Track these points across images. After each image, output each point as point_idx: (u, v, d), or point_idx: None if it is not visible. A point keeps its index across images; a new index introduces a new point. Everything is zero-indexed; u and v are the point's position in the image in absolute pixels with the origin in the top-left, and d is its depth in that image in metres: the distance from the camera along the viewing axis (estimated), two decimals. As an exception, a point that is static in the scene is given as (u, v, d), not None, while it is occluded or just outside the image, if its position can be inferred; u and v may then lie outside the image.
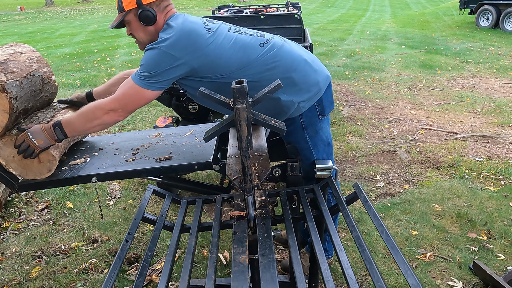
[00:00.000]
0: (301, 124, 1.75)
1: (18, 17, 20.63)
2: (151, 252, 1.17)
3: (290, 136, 1.80)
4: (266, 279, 0.89)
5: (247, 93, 1.06)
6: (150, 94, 1.57)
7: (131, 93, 1.56)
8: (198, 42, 1.56)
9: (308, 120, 1.75)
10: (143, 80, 1.54)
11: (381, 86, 6.08)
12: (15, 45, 1.76)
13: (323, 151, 1.85)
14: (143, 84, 1.55)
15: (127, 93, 1.56)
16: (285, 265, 2.22)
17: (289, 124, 1.72)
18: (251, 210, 1.25)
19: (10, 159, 1.54)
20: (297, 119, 1.74)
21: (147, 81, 1.54)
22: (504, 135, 4.08)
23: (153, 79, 1.54)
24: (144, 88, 1.55)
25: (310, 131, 1.78)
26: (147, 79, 1.54)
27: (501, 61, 7.55)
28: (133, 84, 1.56)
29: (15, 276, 2.26)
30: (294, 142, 1.83)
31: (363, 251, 1.00)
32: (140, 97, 1.57)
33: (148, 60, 1.54)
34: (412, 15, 15.89)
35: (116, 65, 8.22)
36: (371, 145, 3.93)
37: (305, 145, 1.80)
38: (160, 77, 1.54)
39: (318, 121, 1.78)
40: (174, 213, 2.75)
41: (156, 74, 1.53)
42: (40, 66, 1.72)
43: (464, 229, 2.57)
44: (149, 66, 1.53)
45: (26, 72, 1.59)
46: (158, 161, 1.60)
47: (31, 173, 1.57)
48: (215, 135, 1.16)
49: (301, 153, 1.83)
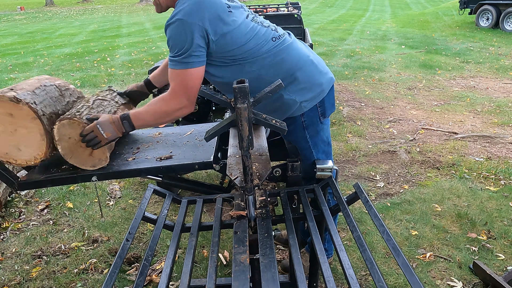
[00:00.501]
0: (302, 124, 1.75)
1: (18, 17, 20.62)
2: (152, 251, 1.17)
3: (291, 135, 1.80)
4: (267, 279, 0.89)
5: (248, 93, 1.06)
6: (196, 71, 1.50)
7: (181, 80, 1.51)
8: (217, 13, 1.51)
9: (309, 120, 1.75)
10: (180, 61, 1.48)
11: (381, 86, 6.08)
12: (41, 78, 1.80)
13: (322, 151, 1.85)
14: (183, 65, 1.48)
15: (179, 84, 1.51)
16: (285, 265, 2.22)
17: (290, 123, 1.72)
18: (252, 209, 1.25)
19: (64, 139, 1.53)
20: (298, 118, 1.74)
21: (184, 60, 1.48)
22: (504, 135, 4.08)
23: (187, 54, 1.47)
24: (187, 68, 1.48)
25: (310, 131, 1.78)
26: (183, 59, 1.48)
27: (501, 61, 7.55)
28: (176, 73, 1.50)
29: (15, 276, 2.26)
30: (295, 141, 1.83)
31: (364, 251, 0.99)
32: (191, 79, 1.50)
33: (172, 36, 1.48)
34: (412, 15, 15.90)
35: (116, 65, 8.22)
36: (371, 145, 3.93)
37: (305, 144, 1.81)
38: (192, 50, 1.47)
39: (319, 122, 1.78)
40: (173, 213, 2.75)
41: (187, 49, 1.46)
42: (51, 80, 1.74)
43: (464, 229, 2.57)
44: (176, 42, 1.47)
45: (35, 86, 1.61)
46: (159, 160, 1.60)
47: (75, 159, 1.56)
48: (216, 135, 1.16)
49: (301, 152, 1.83)
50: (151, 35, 12.58)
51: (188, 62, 1.48)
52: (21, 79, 7.13)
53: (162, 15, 19.29)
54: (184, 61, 1.48)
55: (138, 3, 26.72)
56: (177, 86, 1.52)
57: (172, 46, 1.49)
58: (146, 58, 8.73)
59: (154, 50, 9.79)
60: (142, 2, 26.78)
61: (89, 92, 6.05)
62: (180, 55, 1.48)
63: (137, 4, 26.61)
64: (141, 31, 13.86)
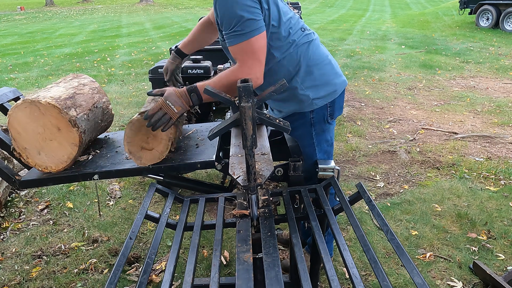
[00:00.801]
0: (310, 120, 1.77)
1: (18, 17, 20.61)
2: (155, 250, 1.17)
3: (297, 130, 1.81)
4: (271, 278, 0.89)
5: (252, 92, 1.06)
6: (260, 38, 1.44)
7: (246, 52, 1.44)
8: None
9: (317, 118, 1.77)
10: (241, 33, 1.43)
11: (381, 86, 6.09)
12: (76, 76, 1.83)
13: (324, 151, 1.86)
14: (244, 37, 1.42)
15: (245, 55, 1.45)
16: (285, 265, 2.22)
17: (298, 118, 1.75)
18: (255, 209, 1.25)
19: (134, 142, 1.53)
20: (307, 114, 1.75)
21: (244, 31, 1.42)
22: (504, 135, 4.09)
23: (245, 24, 1.41)
24: (249, 38, 1.42)
25: (317, 128, 1.79)
26: (242, 30, 1.42)
27: (501, 61, 7.56)
28: (239, 46, 1.44)
29: (15, 276, 2.26)
30: (300, 137, 1.83)
31: (367, 251, 0.99)
32: (256, 48, 1.45)
33: (225, 10, 1.41)
34: (412, 15, 15.91)
35: (116, 65, 8.22)
36: (371, 145, 3.93)
37: (309, 141, 1.81)
38: (249, 19, 1.41)
39: (326, 121, 1.80)
40: (174, 213, 2.74)
41: (243, 19, 1.41)
42: (100, 97, 1.78)
43: (464, 229, 2.57)
44: (231, 15, 1.41)
45: (90, 104, 1.66)
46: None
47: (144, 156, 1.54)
48: (220, 133, 1.16)
49: (303, 150, 1.83)
50: (151, 35, 12.58)
51: (248, 32, 1.42)
52: (21, 79, 7.13)
53: (162, 15, 19.31)
54: (244, 32, 1.42)
55: (138, 3, 26.72)
56: (243, 58, 1.47)
57: (229, 20, 1.42)
58: (146, 58, 8.73)
59: (154, 50, 9.79)
60: (142, 2, 26.78)
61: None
62: (239, 26, 1.41)
63: (137, 4, 26.61)
64: (141, 31, 13.86)
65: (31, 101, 1.46)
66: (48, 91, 1.58)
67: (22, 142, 1.53)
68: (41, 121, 1.50)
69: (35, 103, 1.46)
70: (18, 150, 1.54)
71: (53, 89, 1.61)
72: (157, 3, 26.38)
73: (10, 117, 1.50)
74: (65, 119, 1.49)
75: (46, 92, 1.56)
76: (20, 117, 1.49)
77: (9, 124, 1.51)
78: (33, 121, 1.50)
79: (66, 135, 1.52)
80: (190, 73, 3.15)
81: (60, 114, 1.48)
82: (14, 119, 1.50)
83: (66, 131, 1.51)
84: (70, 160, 1.55)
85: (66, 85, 1.70)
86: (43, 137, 1.52)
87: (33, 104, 1.47)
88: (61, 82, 1.76)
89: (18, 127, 1.51)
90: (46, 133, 1.51)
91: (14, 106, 1.49)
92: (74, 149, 1.53)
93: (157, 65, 3.18)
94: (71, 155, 1.54)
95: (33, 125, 1.50)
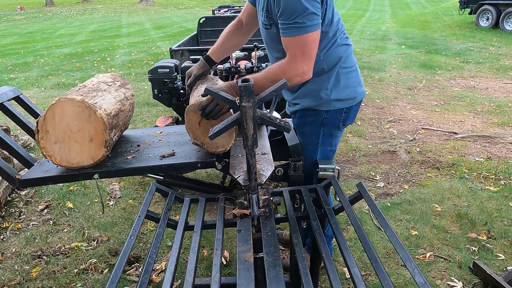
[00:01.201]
0: (322, 120, 1.77)
1: (18, 17, 20.61)
2: (156, 249, 1.17)
3: (306, 126, 1.81)
4: (272, 277, 0.89)
5: (253, 92, 1.06)
6: (314, 35, 1.47)
7: (300, 46, 1.47)
8: None
9: (330, 120, 1.77)
10: (298, 26, 1.44)
11: (381, 86, 6.09)
12: (123, 84, 1.85)
13: (325, 154, 1.86)
14: (300, 30, 1.44)
15: (298, 49, 1.48)
16: (285, 264, 2.22)
17: (312, 115, 1.76)
18: (255, 208, 1.25)
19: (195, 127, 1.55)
20: (322, 113, 1.76)
21: (302, 25, 1.44)
22: (504, 135, 4.09)
23: (304, 18, 1.43)
24: (305, 33, 1.45)
25: (326, 130, 1.80)
26: (300, 24, 1.43)
27: (501, 61, 7.56)
28: (293, 39, 1.47)
29: (15, 276, 2.26)
30: (306, 134, 1.83)
31: (368, 250, 0.99)
32: (309, 43, 1.48)
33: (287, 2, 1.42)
34: (412, 15, 15.91)
35: (116, 65, 8.22)
36: (371, 145, 3.93)
37: (315, 140, 1.82)
38: (308, 13, 1.43)
39: (337, 126, 1.81)
40: (174, 213, 2.74)
41: (303, 13, 1.42)
42: (131, 114, 1.82)
43: (464, 229, 2.57)
44: (292, 7, 1.42)
45: (124, 125, 1.69)
46: (161, 158, 1.60)
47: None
48: (221, 133, 1.16)
49: (306, 147, 1.84)
50: (151, 35, 12.58)
51: (309, 26, 1.45)
52: (21, 79, 7.13)
53: (162, 15, 19.30)
54: (302, 26, 1.44)
55: (138, 3, 26.71)
56: (295, 52, 1.49)
57: (292, 10, 1.43)
58: (146, 58, 8.73)
59: (154, 50, 9.79)
60: (142, 2, 26.77)
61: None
62: (301, 18, 1.43)
63: (137, 4, 26.60)
64: (141, 31, 13.86)
65: (88, 105, 1.45)
66: (103, 98, 1.57)
67: (49, 126, 1.48)
68: (82, 124, 1.47)
69: (90, 109, 1.45)
70: (40, 128, 1.49)
71: (107, 98, 1.60)
72: (157, 3, 26.38)
73: (58, 102, 1.45)
74: (103, 137, 1.49)
75: (101, 100, 1.55)
76: (67, 109, 1.45)
77: (52, 106, 1.45)
78: (75, 120, 1.47)
79: (92, 148, 1.50)
80: None
81: (103, 131, 1.48)
82: (61, 106, 1.45)
83: (95, 145, 1.50)
84: (78, 166, 1.54)
85: (116, 95, 1.69)
86: (71, 136, 1.49)
87: (88, 108, 1.45)
88: (112, 86, 1.74)
89: (58, 113, 1.46)
90: (76, 135, 1.49)
91: (69, 98, 1.45)
92: (89, 161, 1.52)
93: (157, 65, 3.18)
94: (82, 163, 1.53)
95: (73, 122, 1.47)
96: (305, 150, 1.84)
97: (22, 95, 1.99)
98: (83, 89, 1.59)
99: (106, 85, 1.73)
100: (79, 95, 1.48)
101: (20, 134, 4.04)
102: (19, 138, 3.88)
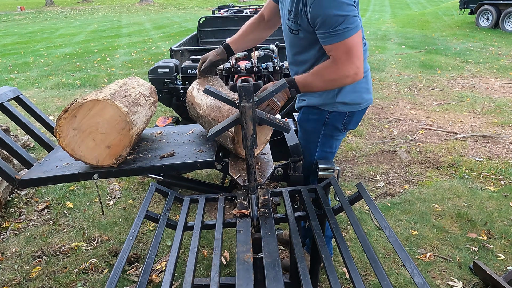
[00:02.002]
0: (325, 119, 1.78)
1: (18, 17, 20.62)
2: (155, 249, 1.17)
3: (309, 123, 1.82)
4: (271, 278, 0.89)
5: (253, 92, 1.06)
6: (358, 36, 1.50)
7: (346, 51, 1.49)
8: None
9: (332, 121, 1.78)
10: (341, 32, 1.45)
11: (381, 86, 6.09)
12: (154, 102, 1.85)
13: (324, 155, 1.87)
14: (344, 35, 1.46)
15: (344, 54, 1.49)
16: (285, 264, 2.22)
17: (315, 113, 1.77)
18: (255, 208, 1.25)
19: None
20: (325, 113, 1.77)
21: (345, 30, 1.45)
22: (504, 135, 4.09)
23: (347, 22, 1.44)
24: (349, 37, 1.46)
25: (327, 130, 1.80)
26: (344, 29, 1.45)
27: (501, 61, 7.56)
28: (338, 45, 1.48)
29: (15, 276, 2.26)
30: (308, 131, 1.84)
31: (367, 250, 0.99)
32: (355, 46, 1.50)
33: (328, 10, 1.43)
34: (412, 15, 15.91)
35: (116, 65, 8.22)
36: (371, 145, 3.93)
37: (315, 138, 1.83)
38: (350, 17, 1.45)
39: (338, 129, 1.81)
40: (173, 213, 2.74)
41: (346, 18, 1.44)
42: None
43: (464, 229, 2.57)
44: (335, 15, 1.43)
45: (137, 140, 1.69)
46: (161, 158, 1.60)
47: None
48: (221, 133, 1.16)
49: (307, 145, 1.85)
50: (151, 35, 12.58)
51: (349, 31, 1.46)
52: (21, 79, 7.13)
53: (162, 15, 19.30)
54: (345, 31, 1.46)
55: (138, 3, 26.71)
56: (341, 55, 1.50)
57: (329, 22, 1.45)
58: (146, 58, 8.73)
59: (154, 50, 9.79)
60: (142, 2, 26.77)
61: (89, 91, 6.04)
62: (342, 25, 1.45)
63: (137, 4, 26.60)
64: (141, 31, 13.86)
65: (129, 120, 1.45)
66: (139, 116, 1.57)
67: (80, 113, 1.44)
68: (111, 131, 1.47)
69: (128, 124, 1.45)
70: (70, 109, 1.45)
71: (142, 115, 1.60)
72: (157, 3, 26.38)
73: (103, 101, 1.42)
74: (120, 151, 1.50)
75: (138, 117, 1.55)
76: (107, 112, 1.44)
77: (95, 101, 1.42)
78: (108, 124, 1.46)
79: (103, 153, 1.50)
80: (190, 73, 3.15)
81: (125, 147, 1.49)
82: (103, 106, 1.43)
83: (108, 153, 1.50)
84: (79, 159, 1.52)
85: (147, 114, 1.69)
86: (93, 132, 1.47)
87: (126, 123, 1.45)
88: (147, 102, 1.73)
89: (96, 109, 1.43)
90: (99, 135, 1.47)
91: (116, 105, 1.43)
92: (92, 161, 1.52)
93: (157, 65, 3.18)
94: (84, 159, 1.51)
95: (104, 124, 1.46)
96: (305, 148, 1.85)
97: (22, 95, 1.99)
98: (128, 98, 1.56)
99: (144, 99, 1.72)
100: (125, 106, 1.47)
101: (20, 134, 4.04)
102: (19, 138, 3.88)
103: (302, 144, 1.84)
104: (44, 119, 2.01)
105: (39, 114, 2.01)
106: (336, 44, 1.49)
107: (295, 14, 1.57)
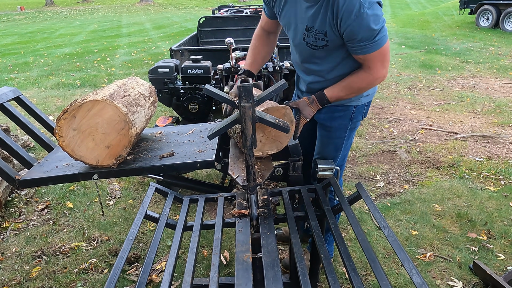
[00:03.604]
0: (351, 114, 1.84)
1: (18, 17, 20.62)
2: (155, 249, 1.17)
3: (335, 121, 1.86)
4: (270, 278, 0.89)
5: (252, 92, 1.06)
6: (388, 43, 1.58)
7: (380, 59, 1.58)
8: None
9: (357, 114, 1.85)
10: (377, 42, 1.52)
11: (381, 86, 6.08)
12: (154, 101, 1.86)
13: (345, 154, 1.96)
14: (379, 45, 1.53)
15: (378, 62, 1.58)
16: (286, 263, 2.22)
17: (341, 110, 1.83)
18: (254, 208, 1.25)
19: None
20: (351, 108, 1.83)
21: (380, 39, 1.52)
22: (504, 135, 4.09)
23: (382, 32, 1.51)
24: (383, 46, 1.55)
25: (352, 124, 1.88)
26: (379, 38, 1.52)
27: (501, 61, 7.56)
28: (373, 54, 1.55)
29: (15, 276, 2.26)
30: (335, 128, 1.88)
31: (367, 250, 0.99)
32: (387, 52, 1.59)
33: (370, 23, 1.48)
34: (412, 15, 15.90)
35: (116, 65, 8.22)
36: (371, 145, 3.93)
37: (342, 134, 1.89)
38: (384, 27, 1.53)
39: (359, 119, 1.90)
40: (173, 213, 2.74)
41: (381, 28, 1.51)
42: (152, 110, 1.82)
43: (464, 229, 2.57)
44: (375, 27, 1.49)
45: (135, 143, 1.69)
46: (160, 158, 1.60)
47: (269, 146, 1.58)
48: (220, 133, 1.16)
49: (333, 141, 1.90)
50: (151, 35, 12.58)
51: (383, 39, 1.53)
52: (21, 79, 7.13)
53: (162, 15, 19.30)
54: (380, 40, 1.53)
55: (138, 3, 26.71)
56: (376, 63, 1.59)
57: (367, 36, 1.50)
58: (146, 58, 8.73)
59: (154, 50, 9.79)
60: (142, 2, 26.77)
61: (88, 91, 6.04)
62: (378, 36, 1.51)
63: (137, 4, 26.60)
64: (141, 31, 13.86)
65: (128, 121, 1.45)
66: (138, 116, 1.57)
67: (80, 114, 1.44)
68: (110, 131, 1.47)
69: (127, 124, 1.46)
70: (70, 110, 1.45)
71: (141, 115, 1.61)
72: (157, 3, 26.38)
73: (103, 102, 1.42)
74: (120, 151, 1.50)
75: (137, 117, 1.55)
76: (106, 112, 1.44)
77: (94, 101, 1.42)
78: (107, 124, 1.45)
79: (103, 154, 1.50)
80: (190, 73, 3.15)
81: (124, 147, 1.49)
82: (102, 106, 1.43)
83: (108, 153, 1.50)
84: (79, 159, 1.52)
85: (146, 114, 1.69)
86: (92, 133, 1.47)
87: (126, 123, 1.46)
88: (147, 102, 1.74)
89: (95, 110, 1.43)
90: (98, 136, 1.47)
91: (115, 105, 1.43)
92: (92, 162, 1.52)
93: (157, 65, 3.18)
94: (84, 159, 1.52)
95: (104, 124, 1.46)
96: (329, 144, 1.91)
97: (22, 95, 1.99)
98: (127, 98, 1.57)
99: (144, 99, 1.72)
100: (124, 106, 1.47)
101: (20, 134, 4.04)
102: (19, 138, 3.88)
103: (325, 141, 1.91)
104: (44, 119, 2.01)
105: (39, 114, 2.01)
106: (373, 54, 1.55)
107: (320, 31, 1.59)
